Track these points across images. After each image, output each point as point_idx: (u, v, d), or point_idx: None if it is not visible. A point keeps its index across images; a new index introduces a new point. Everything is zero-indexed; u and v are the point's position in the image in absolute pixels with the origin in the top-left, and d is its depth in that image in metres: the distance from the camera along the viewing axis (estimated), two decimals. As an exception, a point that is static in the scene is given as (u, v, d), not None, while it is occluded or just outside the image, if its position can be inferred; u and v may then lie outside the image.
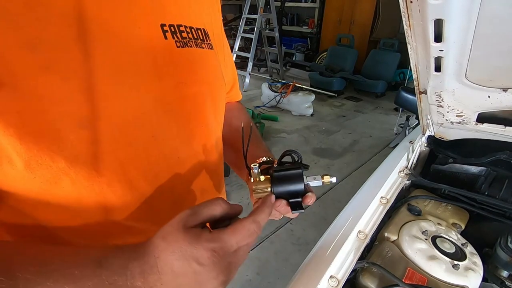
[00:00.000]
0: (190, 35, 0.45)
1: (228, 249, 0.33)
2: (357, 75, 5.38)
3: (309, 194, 0.46)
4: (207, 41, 0.49)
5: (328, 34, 6.63)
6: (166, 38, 0.41)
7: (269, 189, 0.45)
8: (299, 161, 0.49)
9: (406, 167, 1.04)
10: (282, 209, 0.46)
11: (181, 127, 0.44)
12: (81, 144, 0.33)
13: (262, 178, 0.45)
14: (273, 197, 0.42)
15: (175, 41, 0.42)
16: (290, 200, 0.45)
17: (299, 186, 0.45)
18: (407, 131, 3.18)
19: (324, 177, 0.47)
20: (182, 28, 0.44)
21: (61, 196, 0.34)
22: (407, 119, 3.41)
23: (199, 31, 0.48)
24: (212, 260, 0.32)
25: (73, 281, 0.31)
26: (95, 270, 0.32)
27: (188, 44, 0.44)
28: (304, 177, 0.45)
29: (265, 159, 0.56)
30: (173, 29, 0.42)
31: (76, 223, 0.37)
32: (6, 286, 0.29)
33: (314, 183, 0.47)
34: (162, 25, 0.41)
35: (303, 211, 0.45)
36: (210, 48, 0.50)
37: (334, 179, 0.47)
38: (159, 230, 0.34)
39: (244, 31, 5.63)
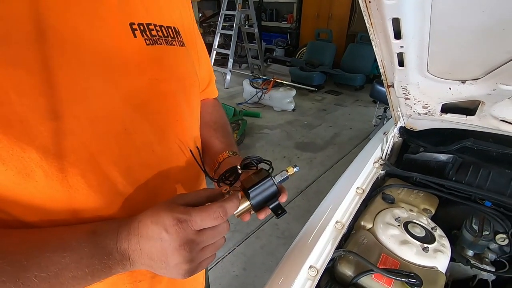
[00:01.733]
0: (160, 33, 0.46)
1: (191, 223, 0.37)
2: (336, 69, 5.48)
3: (282, 194, 0.49)
4: (178, 38, 0.50)
5: (307, 29, 6.69)
6: (135, 36, 0.42)
7: (249, 205, 0.47)
8: (260, 162, 0.52)
9: (381, 157, 1.09)
10: (264, 215, 0.49)
11: (154, 122, 0.45)
12: (51, 136, 0.34)
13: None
14: (239, 194, 0.45)
15: (145, 39, 0.43)
16: (270, 207, 0.48)
17: (273, 191, 0.47)
18: (384, 122, 3.28)
19: (288, 169, 0.50)
20: (151, 27, 0.44)
21: (35, 189, 0.35)
22: (385, 111, 3.51)
23: (169, 29, 0.48)
24: (175, 229, 0.36)
25: (70, 249, 0.35)
26: (91, 237, 0.36)
27: (158, 42, 0.45)
28: (273, 179, 0.48)
29: (229, 153, 0.59)
30: (142, 28, 0.43)
31: (51, 217, 0.38)
32: (9, 267, 0.31)
33: (282, 179, 0.50)
34: (131, 24, 0.41)
35: (286, 212, 0.48)
36: (182, 45, 0.51)
37: (297, 168, 0.50)
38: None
39: (223, 28, 5.58)
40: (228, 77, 5.42)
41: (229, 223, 0.42)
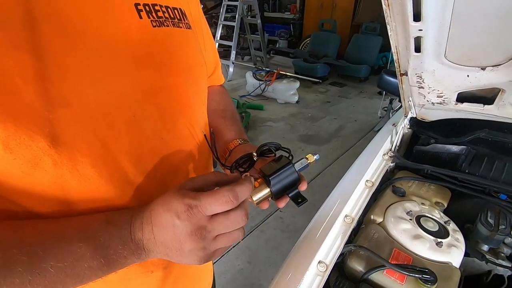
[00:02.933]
0: (167, 15, 0.44)
1: (202, 209, 0.35)
2: (340, 61, 5.39)
3: (302, 182, 0.48)
4: (184, 20, 0.48)
5: (310, 20, 6.58)
6: (141, 17, 0.40)
7: (268, 192, 0.45)
8: (278, 149, 0.50)
9: (390, 149, 1.06)
10: (284, 203, 0.48)
11: (163, 108, 0.43)
12: (60, 124, 0.33)
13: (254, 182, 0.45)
14: (252, 179, 0.43)
15: (151, 21, 0.41)
16: (290, 195, 0.46)
17: (294, 179, 0.46)
18: (390, 114, 3.23)
19: (308, 157, 0.49)
20: (157, 8, 0.42)
21: (45, 179, 0.34)
22: (391, 102, 3.46)
23: (175, 11, 0.46)
24: (187, 215, 0.35)
25: (86, 239, 0.34)
26: (105, 227, 0.36)
27: (165, 24, 0.43)
28: (294, 166, 0.46)
29: (240, 141, 0.57)
30: (148, 9, 0.41)
31: (63, 208, 0.37)
32: (26, 257, 0.31)
33: (302, 167, 0.48)
34: (136, 4, 0.39)
35: (306, 201, 0.46)
36: (188, 28, 0.49)
37: (317, 156, 0.49)
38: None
39: (226, 19, 5.50)
40: (231, 69, 5.37)
41: (248, 213, 0.40)
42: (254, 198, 0.44)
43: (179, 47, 0.46)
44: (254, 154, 0.50)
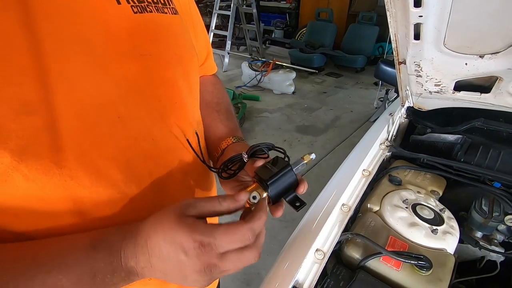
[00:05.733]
0: None
1: (216, 247, 0.31)
2: (337, 51, 5.35)
3: (301, 184, 0.44)
4: (169, 5, 0.44)
5: (307, 9, 6.48)
6: (119, 3, 0.36)
7: (264, 198, 0.41)
8: (271, 149, 0.47)
9: (387, 139, 1.06)
10: (281, 213, 0.44)
11: (151, 104, 0.39)
12: (29, 134, 0.28)
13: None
14: (267, 208, 0.39)
15: (131, 6, 0.37)
16: (287, 199, 0.43)
17: (292, 181, 0.43)
18: (386, 104, 3.24)
19: (305, 157, 0.46)
20: None
21: (18, 196, 0.30)
22: (387, 93, 3.46)
23: None
24: (197, 252, 0.31)
25: (67, 268, 0.30)
26: (90, 254, 0.31)
27: (147, 9, 0.39)
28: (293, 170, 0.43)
29: (233, 140, 0.53)
30: None
31: (46, 224, 0.33)
32: None
33: (299, 168, 0.46)
34: None
35: (305, 204, 0.43)
36: (175, 13, 0.44)
37: (313, 156, 0.46)
38: (155, 213, 0.33)
39: (220, 8, 5.38)
40: (226, 59, 5.30)
41: (260, 254, 0.36)
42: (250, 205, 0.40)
43: (165, 35, 0.41)
44: (245, 155, 0.45)
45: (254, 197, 0.39)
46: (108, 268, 0.31)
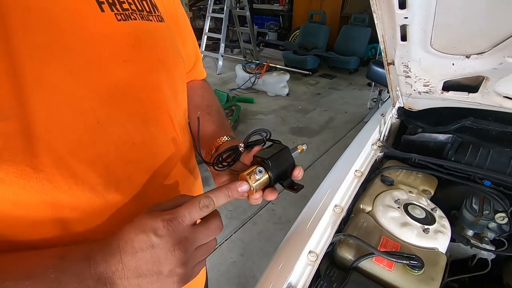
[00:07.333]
0: (133, 7, 0.40)
1: (181, 219, 0.34)
2: (330, 52, 5.39)
3: (297, 167, 0.46)
4: (155, 12, 0.44)
5: (300, 11, 6.53)
6: (102, 10, 0.36)
7: (267, 178, 0.43)
8: (268, 137, 0.50)
9: (379, 139, 1.07)
10: (274, 196, 0.45)
11: (132, 109, 0.39)
12: (4, 138, 0.28)
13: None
14: (238, 183, 0.40)
15: (115, 14, 0.37)
16: (284, 183, 0.45)
17: (290, 163, 0.45)
18: (380, 105, 3.26)
19: (298, 147, 0.49)
20: None
21: None
22: (380, 93, 3.49)
23: (144, 2, 0.42)
24: (167, 229, 0.33)
25: (34, 276, 0.30)
26: (58, 263, 0.32)
27: (132, 17, 0.39)
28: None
29: (227, 138, 0.54)
30: (110, 1, 0.37)
31: (27, 233, 0.33)
32: None
33: (294, 155, 0.48)
34: None
35: (303, 186, 0.45)
36: (160, 21, 0.45)
37: (305, 146, 0.50)
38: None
39: (214, 11, 5.40)
40: (220, 62, 5.30)
41: (222, 222, 0.40)
42: (254, 184, 0.41)
43: (149, 42, 0.42)
44: (241, 145, 0.48)
45: (260, 171, 0.41)
46: (74, 277, 0.31)
